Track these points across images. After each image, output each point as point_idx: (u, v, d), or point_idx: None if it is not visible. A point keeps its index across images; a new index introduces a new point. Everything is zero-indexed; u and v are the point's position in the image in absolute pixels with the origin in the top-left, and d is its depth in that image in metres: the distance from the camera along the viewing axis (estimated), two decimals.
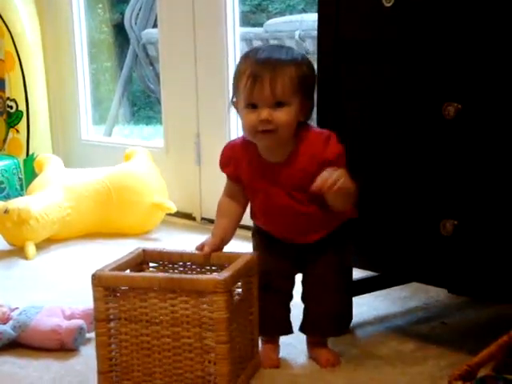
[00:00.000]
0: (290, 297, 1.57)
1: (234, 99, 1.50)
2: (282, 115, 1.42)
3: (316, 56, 1.69)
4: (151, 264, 1.55)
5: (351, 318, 1.61)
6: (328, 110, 1.67)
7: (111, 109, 4.00)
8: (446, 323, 1.75)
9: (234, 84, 1.50)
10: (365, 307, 1.83)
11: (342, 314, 1.57)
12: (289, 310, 1.57)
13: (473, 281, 1.47)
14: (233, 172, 1.53)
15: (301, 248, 1.53)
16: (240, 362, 1.42)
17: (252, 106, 1.43)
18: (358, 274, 1.74)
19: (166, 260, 1.55)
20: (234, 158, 1.52)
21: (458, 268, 1.49)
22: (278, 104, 1.42)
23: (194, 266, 1.53)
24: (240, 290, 1.43)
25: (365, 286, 1.80)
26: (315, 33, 1.69)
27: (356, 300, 1.74)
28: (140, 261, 1.53)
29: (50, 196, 2.48)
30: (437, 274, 1.54)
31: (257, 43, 3.86)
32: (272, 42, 3.87)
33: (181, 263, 1.54)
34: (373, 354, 1.58)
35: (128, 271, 1.46)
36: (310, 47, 3.69)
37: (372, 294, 1.87)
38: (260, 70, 1.42)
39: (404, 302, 1.89)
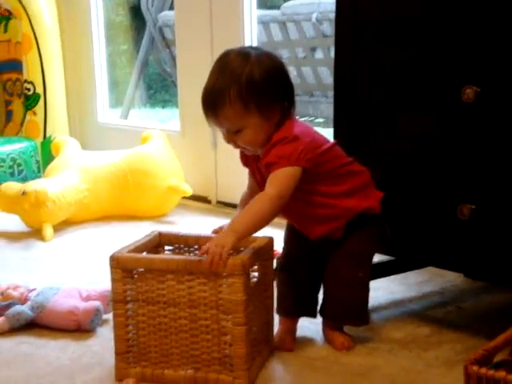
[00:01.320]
0: (306, 281, 1.56)
1: None
2: (242, 138, 1.45)
3: (334, 39, 1.68)
4: (167, 247, 1.56)
5: (366, 311, 1.56)
6: (345, 94, 1.66)
7: (127, 92, 4.01)
8: (461, 308, 1.75)
9: None
10: (381, 291, 1.83)
11: (354, 306, 1.53)
12: (302, 293, 1.56)
13: (489, 265, 1.47)
14: (244, 164, 1.57)
15: (314, 239, 1.54)
16: (256, 345, 1.43)
17: None
18: (374, 258, 1.73)
19: (182, 243, 1.55)
20: (243, 153, 1.55)
21: (474, 253, 1.48)
22: (236, 130, 1.44)
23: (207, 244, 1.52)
24: (256, 273, 1.43)
25: (381, 270, 1.79)
26: (333, 15, 1.68)
27: (372, 284, 1.73)
28: (156, 243, 1.53)
29: (67, 178, 2.49)
30: (453, 258, 1.53)
31: (274, 26, 3.86)
32: (289, 24, 3.85)
33: (196, 246, 1.54)
34: (388, 337, 1.58)
35: (145, 253, 1.46)
36: (328, 30, 3.67)
37: (388, 278, 1.86)
38: (206, 111, 1.45)
39: (420, 286, 1.89)
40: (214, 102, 1.42)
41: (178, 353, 1.39)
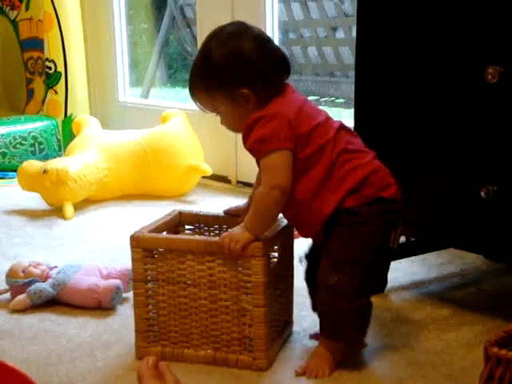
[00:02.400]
0: (309, 275, 1.47)
1: None
2: (222, 122, 1.40)
3: (355, 18, 1.66)
4: (187, 226, 1.56)
5: (340, 325, 1.36)
6: (366, 75, 1.64)
7: (148, 71, 4.01)
8: (482, 290, 1.74)
9: None
10: (401, 272, 1.83)
11: (324, 314, 1.38)
12: (310, 288, 1.48)
13: (510, 247, 1.46)
14: None
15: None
16: (276, 326, 1.43)
17: None
18: None
19: (202, 223, 1.55)
20: None
21: (495, 234, 1.47)
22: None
23: (229, 230, 1.53)
24: (276, 253, 1.43)
25: (402, 251, 1.79)
26: None
27: (393, 265, 1.73)
28: (176, 223, 1.54)
29: (88, 157, 2.50)
30: (474, 240, 1.52)
31: (295, 5, 3.83)
32: (310, 4, 3.82)
33: (216, 226, 1.54)
34: (408, 319, 1.58)
35: (165, 233, 1.47)
36: (349, 9, 3.64)
37: (408, 259, 1.86)
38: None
39: (440, 267, 1.88)
40: (189, 86, 1.40)
41: (198, 333, 1.39)
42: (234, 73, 1.33)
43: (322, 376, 1.35)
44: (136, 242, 1.38)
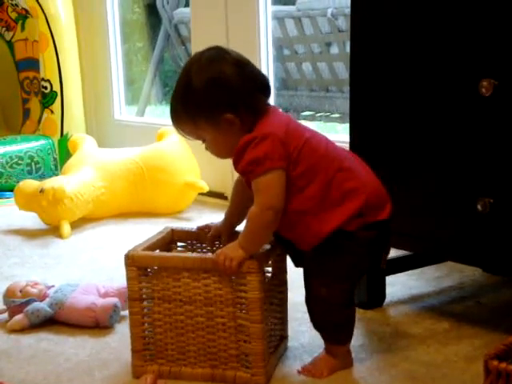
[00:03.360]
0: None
1: None
2: (209, 147, 1.41)
3: (349, 34, 1.67)
4: (179, 244, 1.56)
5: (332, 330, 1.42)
6: (361, 89, 1.65)
7: (143, 89, 4.02)
8: (481, 303, 1.74)
9: None
10: (398, 286, 1.82)
11: (321, 324, 1.42)
12: None
13: (508, 260, 1.45)
14: None
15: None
16: (272, 341, 1.43)
17: None
18: (391, 253, 1.72)
19: (194, 239, 1.55)
20: None
21: (493, 247, 1.47)
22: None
23: (221, 246, 1.53)
24: (270, 268, 1.43)
25: (399, 265, 1.79)
26: (348, 10, 1.68)
27: (390, 279, 1.74)
28: (169, 240, 1.53)
29: (84, 176, 2.50)
30: (472, 253, 1.52)
31: (289, 21, 3.85)
32: (304, 20, 3.84)
33: (208, 242, 1.54)
34: (406, 332, 1.58)
35: (158, 251, 1.46)
36: (343, 25, 3.65)
37: (406, 273, 1.86)
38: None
39: (438, 281, 1.88)
40: (171, 115, 1.39)
41: (195, 350, 1.39)
42: (216, 98, 1.33)
43: (319, 376, 1.40)
44: (131, 260, 1.38)
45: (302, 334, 1.57)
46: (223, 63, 1.34)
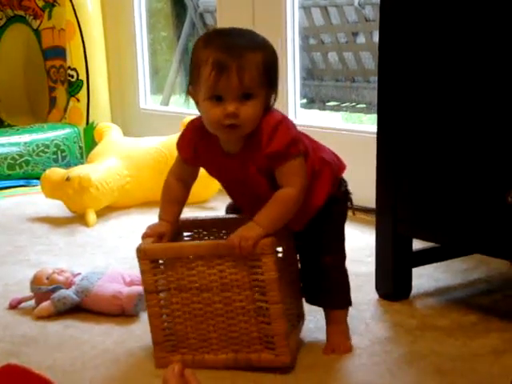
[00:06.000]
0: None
1: (191, 89, 1.38)
2: (249, 109, 1.31)
3: (376, 23, 1.65)
4: (185, 233, 1.54)
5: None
6: (389, 80, 1.63)
7: (168, 78, 4.02)
8: (508, 296, 1.72)
9: (192, 72, 1.35)
10: (425, 278, 1.81)
11: (332, 288, 1.47)
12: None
13: None
14: (191, 156, 1.46)
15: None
16: (290, 320, 1.42)
17: (216, 98, 1.31)
18: (418, 244, 1.72)
19: (200, 228, 1.54)
20: (194, 141, 1.44)
21: None
22: (245, 96, 1.30)
23: (228, 232, 1.48)
24: (280, 248, 1.41)
25: (426, 257, 1.77)
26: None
27: (416, 271, 1.72)
28: (176, 230, 1.51)
29: (110, 164, 2.51)
30: (500, 245, 1.51)
31: (315, 11, 3.83)
32: (330, 9, 3.82)
33: (215, 230, 1.53)
34: (433, 325, 1.56)
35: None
36: (370, 14, 3.63)
37: (433, 265, 1.84)
38: (226, 59, 1.28)
39: (466, 273, 1.86)
40: (241, 52, 1.29)
41: (217, 337, 1.38)
42: (276, 76, 1.36)
43: (348, 350, 1.44)
44: (143, 253, 1.37)
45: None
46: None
